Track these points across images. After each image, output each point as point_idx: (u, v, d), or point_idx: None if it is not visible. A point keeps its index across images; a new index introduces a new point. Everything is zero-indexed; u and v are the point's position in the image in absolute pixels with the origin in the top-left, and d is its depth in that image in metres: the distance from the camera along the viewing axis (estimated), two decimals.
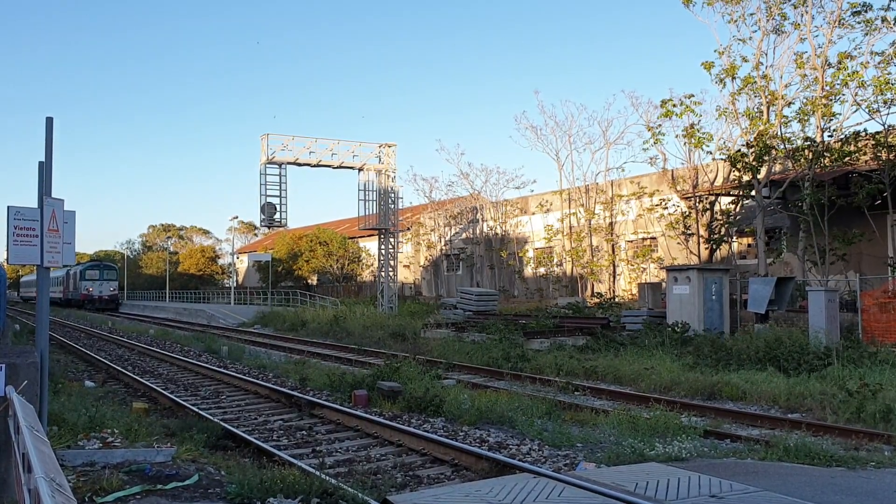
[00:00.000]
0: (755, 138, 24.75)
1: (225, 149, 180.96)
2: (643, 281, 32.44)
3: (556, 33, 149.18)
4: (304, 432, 10.71)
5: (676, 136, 29.02)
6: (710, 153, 28.05)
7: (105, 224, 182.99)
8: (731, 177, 28.41)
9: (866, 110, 23.99)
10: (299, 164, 35.59)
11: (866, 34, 24.31)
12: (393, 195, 37.61)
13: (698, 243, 29.82)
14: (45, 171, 7.35)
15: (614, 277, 37.41)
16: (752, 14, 25.81)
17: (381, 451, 9.53)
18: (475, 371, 17.52)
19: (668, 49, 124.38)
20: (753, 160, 24.64)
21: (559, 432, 9.95)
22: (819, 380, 13.27)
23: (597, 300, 33.04)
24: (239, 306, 50.99)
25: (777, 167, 26.64)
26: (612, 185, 37.96)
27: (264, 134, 34.42)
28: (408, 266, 53.72)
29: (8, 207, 7.16)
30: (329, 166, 36.36)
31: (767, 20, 25.56)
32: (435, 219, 51.05)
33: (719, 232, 28.76)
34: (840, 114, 24.56)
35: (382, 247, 38.12)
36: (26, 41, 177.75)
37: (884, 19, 23.90)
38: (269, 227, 39.41)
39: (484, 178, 50.84)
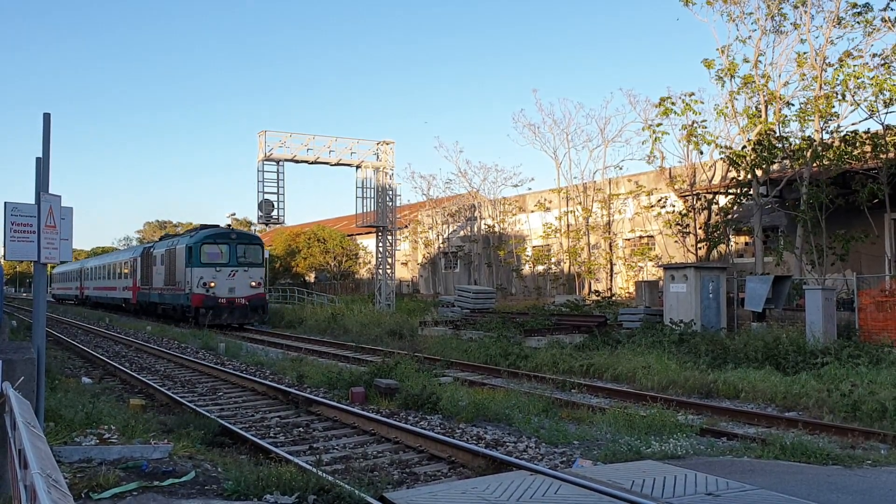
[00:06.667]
0: (758, 137, 24.70)
1: (222, 146, 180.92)
2: (640, 279, 32.44)
3: (554, 32, 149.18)
4: (301, 429, 10.71)
5: (679, 141, 28.96)
6: (710, 152, 28.07)
7: (102, 220, 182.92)
8: (729, 175, 28.41)
9: (866, 110, 23.99)
10: (297, 161, 35.59)
11: (867, 35, 24.27)
12: (391, 193, 37.58)
13: (696, 242, 29.83)
14: (42, 167, 7.33)
15: (612, 275, 37.43)
16: (751, 13, 25.80)
17: (378, 448, 9.53)
18: (472, 368, 17.53)
19: (665, 48, 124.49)
20: (755, 160, 24.61)
21: (556, 430, 9.96)
22: (816, 378, 13.29)
23: (594, 298, 33.04)
24: None
25: (775, 166, 26.62)
26: (609, 183, 37.95)
27: (262, 131, 34.40)
28: (405, 264, 53.69)
29: (5, 203, 7.12)
30: (327, 163, 36.35)
31: (767, 19, 25.54)
32: (433, 216, 51.00)
33: (717, 230, 28.76)
34: (839, 113, 24.55)
35: (380, 244, 38.10)
36: (24, 38, 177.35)
37: (884, 20, 23.86)
38: (266, 225, 39.33)
39: (482, 175, 50.76)
